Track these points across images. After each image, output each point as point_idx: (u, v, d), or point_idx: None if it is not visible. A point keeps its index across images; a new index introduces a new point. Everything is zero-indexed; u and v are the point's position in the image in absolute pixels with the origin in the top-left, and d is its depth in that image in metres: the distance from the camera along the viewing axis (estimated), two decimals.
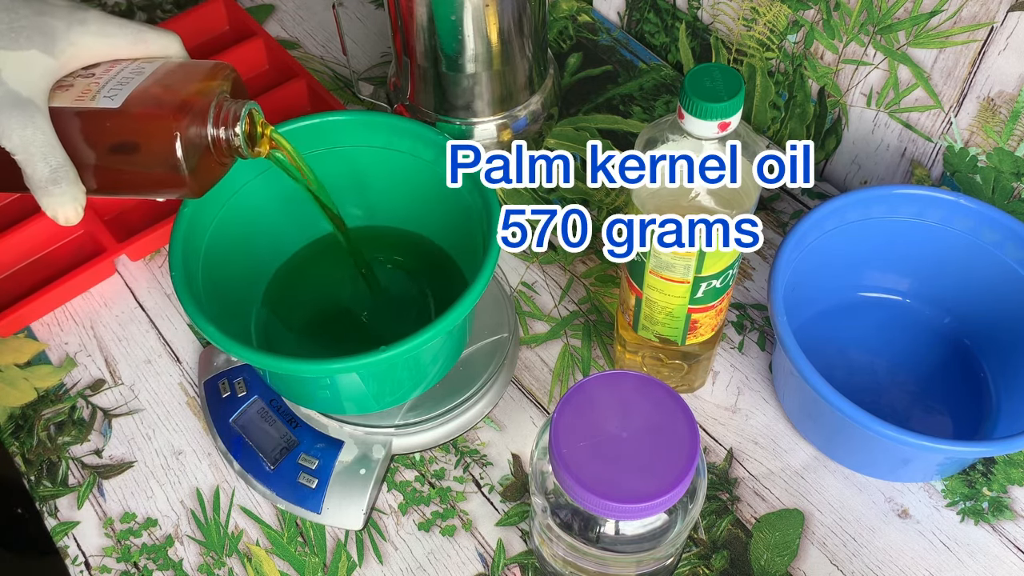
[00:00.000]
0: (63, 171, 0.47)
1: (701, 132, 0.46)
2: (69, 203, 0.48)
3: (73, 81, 0.49)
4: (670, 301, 0.55)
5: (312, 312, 0.64)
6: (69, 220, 0.49)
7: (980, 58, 0.62)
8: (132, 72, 0.50)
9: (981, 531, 0.58)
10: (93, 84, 0.49)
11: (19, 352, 0.68)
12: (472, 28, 0.66)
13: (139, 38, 0.51)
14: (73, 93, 0.49)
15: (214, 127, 0.49)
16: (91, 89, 0.49)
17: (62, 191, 0.47)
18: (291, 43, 0.88)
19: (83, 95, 0.49)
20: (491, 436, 0.63)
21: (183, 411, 0.65)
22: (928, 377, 0.63)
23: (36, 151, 0.46)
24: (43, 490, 0.62)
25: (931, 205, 0.61)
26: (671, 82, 0.83)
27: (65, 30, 0.49)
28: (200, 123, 0.49)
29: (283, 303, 0.64)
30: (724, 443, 0.62)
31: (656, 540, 0.47)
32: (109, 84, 0.49)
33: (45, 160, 0.47)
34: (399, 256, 0.67)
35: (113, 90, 0.49)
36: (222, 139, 0.50)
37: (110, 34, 0.50)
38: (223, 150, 0.50)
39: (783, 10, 0.72)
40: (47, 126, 0.47)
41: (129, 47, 0.51)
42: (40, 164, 0.47)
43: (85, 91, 0.49)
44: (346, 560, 0.58)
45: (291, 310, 0.64)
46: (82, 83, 0.49)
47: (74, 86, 0.49)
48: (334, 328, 0.64)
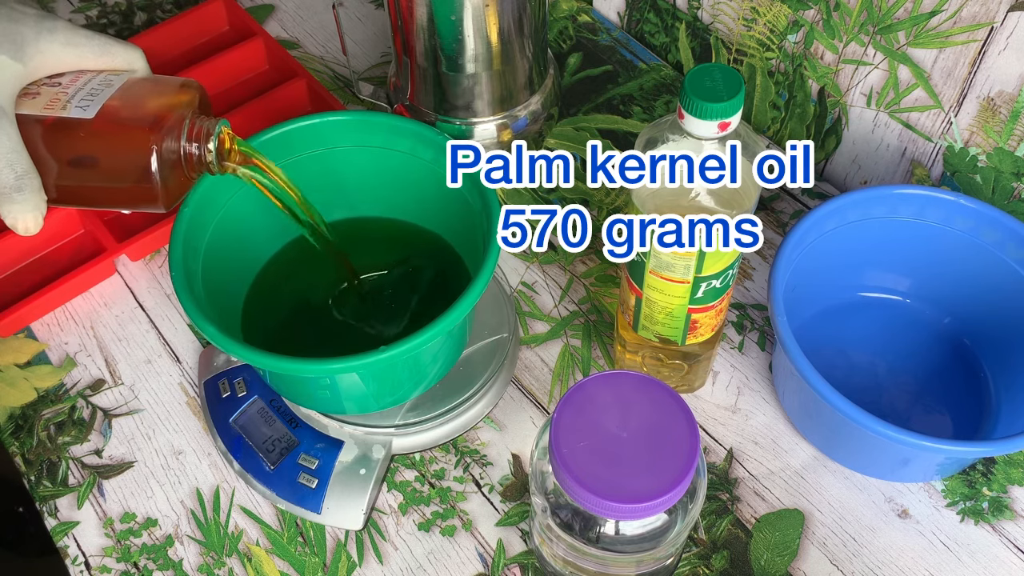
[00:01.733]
0: (27, 179, 0.47)
1: (701, 132, 0.46)
2: (30, 211, 0.48)
3: (39, 89, 0.49)
4: (670, 301, 0.55)
5: (312, 311, 0.64)
6: (28, 229, 0.48)
7: (980, 58, 0.62)
8: (101, 84, 0.50)
9: (981, 531, 0.58)
10: (61, 94, 0.49)
11: (19, 352, 0.68)
12: (472, 28, 0.66)
13: (105, 50, 0.51)
14: (41, 101, 0.49)
15: (188, 142, 0.50)
16: (60, 98, 0.49)
17: (24, 199, 0.47)
18: (291, 43, 0.88)
19: (52, 104, 0.48)
20: (491, 436, 0.63)
21: (183, 411, 0.65)
22: (928, 377, 0.63)
23: (1, 158, 0.46)
24: (43, 490, 0.62)
25: (931, 205, 0.61)
26: (671, 82, 0.83)
27: (34, 38, 0.49)
28: (175, 138, 0.49)
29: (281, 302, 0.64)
30: (724, 443, 0.62)
31: (656, 540, 0.47)
32: (79, 94, 0.49)
33: (11, 167, 0.46)
34: (401, 247, 0.66)
35: (84, 100, 0.49)
36: (194, 154, 0.50)
37: (77, 44, 0.50)
38: (193, 165, 0.51)
39: (783, 10, 0.72)
40: (14, 132, 0.47)
41: (95, 59, 0.51)
42: (5, 171, 0.46)
43: (54, 100, 0.49)
44: (346, 560, 0.58)
45: (290, 309, 0.64)
46: (49, 92, 0.49)
47: (40, 94, 0.49)
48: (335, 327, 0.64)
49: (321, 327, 0.63)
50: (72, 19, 0.91)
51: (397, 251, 0.66)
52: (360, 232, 0.66)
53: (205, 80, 0.81)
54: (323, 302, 0.64)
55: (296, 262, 0.65)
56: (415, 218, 0.66)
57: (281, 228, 0.65)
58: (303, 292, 0.64)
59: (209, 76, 0.81)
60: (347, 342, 0.62)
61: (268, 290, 0.64)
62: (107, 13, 0.92)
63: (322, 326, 0.63)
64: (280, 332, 0.62)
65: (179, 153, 0.50)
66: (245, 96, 0.82)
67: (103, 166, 0.49)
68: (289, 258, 0.65)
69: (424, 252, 0.66)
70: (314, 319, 0.63)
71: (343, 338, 0.62)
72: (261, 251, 0.65)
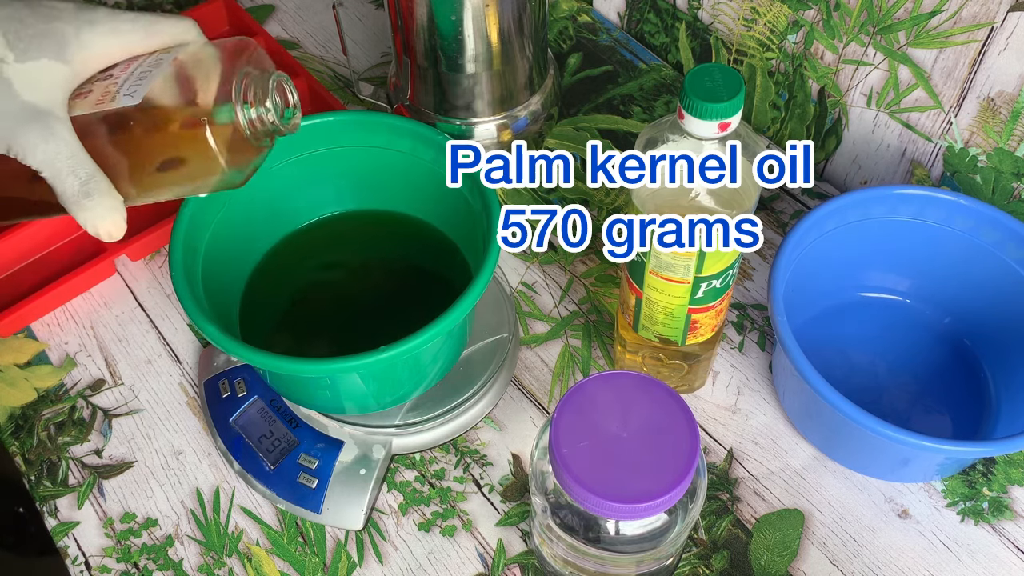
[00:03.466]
0: (94, 182, 0.44)
1: (701, 132, 0.46)
2: (107, 215, 0.45)
3: (92, 87, 0.46)
4: (670, 301, 0.55)
5: (311, 310, 0.64)
6: (112, 235, 0.46)
7: (980, 58, 0.62)
8: (150, 65, 0.46)
9: (981, 531, 0.58)
10: (112, 85, 0.46)
11: (19, 352, 0.68)
12: (472, 28, 0.66)
13: (152, 30, 0.48)
14: (92, 98, 0.46)
15: (243, 108, 0.46)
16: (110, 91, 0.45)
17: (96, 203, 0.44)
18: (291, 43, 0.88)
19: (103, 98, 0.45)
20: (491, 436, 0.63)
21: (183, 411, 0.65)
22: (928, 377, 0.63)
23: (63, 165, 0.44)
24: (43, 490, 0.62)
25: (931, 205, 0.61)
26: (671, 82, 0.83)
27: (75, 34, 0.46)
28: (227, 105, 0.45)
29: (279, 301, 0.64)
30: (724, 443, 0.62)
31: (656, 540, 0.47)
32: (128, 82, 0.46)
33: (74, 173, 0.44)
34: (402, 242, 0.66)
35: (132, 87, 0.45)
36: (254, 119, 0.46)
37: (121, 31, 0.47)
38: (257, 131, 0.47)
39: (783, 10, 0.72)
40: (71, 137, 0.44)
41: (143, 41, 0.47)
42: (69, 178, 0.44)
43: (105, 94, 0.46)
44: (346, 560, 0.58)
45: (289, 309, 0.64)
46: (100, 87, 0.46)
47: (93, 91, 0.46)
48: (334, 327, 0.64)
49: (320, 326, 0.63)
50: None
51: (398, 245, 0.66)
52: (362, 224, 0.66)
53: None
54: (322, 301, 0.64)
55: (295, 261, 0.65)
56: (418, 213, 0.66)
57: (279, 226, 0.65)
58: (302, 291, 0.64)
59: None
60: (347, 342, 0.62)
61: (265, 289, 0.64)
62: None
63: (321, 325, 0.63)
64: (279, 332, 0.62)
65: (238, 121, 0.45)
66: None
67: (164, 152, 0.45)
68: (287, 256, 0.65)
69: (426, 248, 0.65)
70: (313, 318, 0.63)
71: (343, 338, 0.62)
72: (259, 250, 0.65)
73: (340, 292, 0.64)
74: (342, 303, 0.64)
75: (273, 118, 0.47)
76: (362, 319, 0.62)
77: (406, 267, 0.66)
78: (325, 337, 0.62)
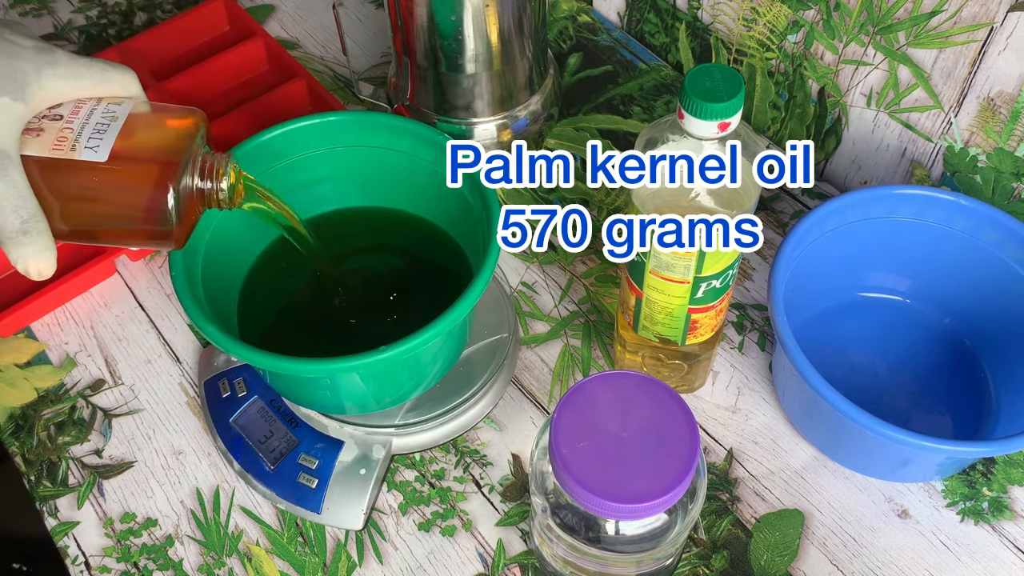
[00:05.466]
0: (33, 222, 0.46)
1: (701, 132, 0.46)
2: (40, 254, 0.47)
3: (41, 124, 0.48)
4: (670, 301, 0.55)
5: (310, 309, 0.64)
6: (41, 273, 0.48)
7: (980, 58, 0.62)
8: (105, 117, 0.49)
9: (981, 531, 0.58)
10: (67, 130, 0.47)
11: (19, 352, 0.68)
12: (472, 28, 0.66)
13: (103, 77, 0.50)
14: (46, 140, 0.47)
15: (202, 181, 0.50)
16: (67, 136, 0.47)
17: (31, 241, 0.46)
18: (291, 43, 0.88)
19: (60, 144, 0.47)
20: (491, 436, 0.63)
21: (183, 411, 0.65)
22: (928, 377, 0.63)
23: (7, 204, 0.45)
24: (43, 490, 0.62)
25: (931, 205, 0.61)
26: (671, 82, 0.83)
27: (35, 74, 0.47)
28: (188, 176, 0.49)
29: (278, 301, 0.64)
30: (724, 443, 0.62)
31: (656, 540, 0.47)
32: (85, 131, 0.48)
33: (16, 212, 0.45)
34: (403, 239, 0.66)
35: (93, 139, 0.47)
36: (206, 191, 0.50)
37: (79, 75, 0.49)
38: (204, 201, 0.51)
39: (783, 10, 0.72)
40: (19, 178, 0.45)
41: (94, 87, 0.49)
42: (11, 216, 0.45)
43: (61, 139, 0.47)
44: (346, 560, 0.58)
45: (288, 308, 0.64)
46: (53, 127, 0.48)
47: (44, 131, 0.47)
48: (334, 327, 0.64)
49: (320, 326, 0.63)
50: (72, 19, 0.91)
51: (400, 244, 0.66)
52: (363, 223, 0.66)
53: (205, 80, 0.81)
54: (322, 301, 0.64)
55: (295, 261, 0.65)
56: (418, 211, 0.66)
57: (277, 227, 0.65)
58: (300, 290, 0.64)
59: (209, 76, 0.81)
60: (347, 342, 0.62)
61: (265, 289, 0.64)
62: (107, 13, 0.92)
63: (321, 325, 0.63)
64: (279, 331, 0.62)
65: (194, 192, 0.50)
66: (245, 96, 0.82)
67: (117, 207, 0.48)
68: (287, 256, 0.65)
69: (428, 247, 0.65)
70: (313, 318, 0.63)
71: (343, 338, 0.62)
72: (259, 250, 0.65)
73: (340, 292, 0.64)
74: (342, 303, 0.64)
75: (224, 196, 0.51)
76: (362, 319, 0.62)
77: (407, 266, 0.66)
78: (325, 337, 0.62)
